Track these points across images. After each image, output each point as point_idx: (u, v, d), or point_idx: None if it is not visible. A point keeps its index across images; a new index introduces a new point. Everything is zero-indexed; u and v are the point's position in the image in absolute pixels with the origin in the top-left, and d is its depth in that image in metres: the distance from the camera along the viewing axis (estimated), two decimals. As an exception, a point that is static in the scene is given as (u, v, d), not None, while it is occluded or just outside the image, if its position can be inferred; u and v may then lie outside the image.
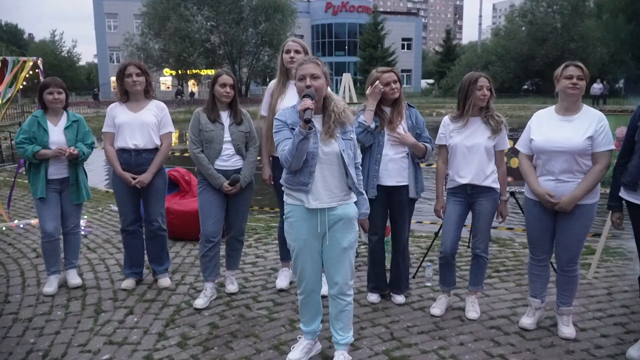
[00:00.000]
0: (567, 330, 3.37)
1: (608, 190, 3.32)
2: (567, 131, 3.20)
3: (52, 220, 4.09)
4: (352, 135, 2.90)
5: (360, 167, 3.00)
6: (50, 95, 4.02)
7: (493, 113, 3.56)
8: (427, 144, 3.73)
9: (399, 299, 3.93)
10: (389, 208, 3.86)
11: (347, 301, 2.97)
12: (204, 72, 42.41)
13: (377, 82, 3.64)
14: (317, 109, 2.84)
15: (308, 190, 2.79)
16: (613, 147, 3.19)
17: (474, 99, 3.49)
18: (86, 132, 4.18)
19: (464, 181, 3.58)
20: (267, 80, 44.08)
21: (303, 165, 2.77)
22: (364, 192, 3.00)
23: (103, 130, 4.11)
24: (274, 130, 2.87)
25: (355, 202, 2.94)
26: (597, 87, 29.22)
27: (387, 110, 3.74)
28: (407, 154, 3.74)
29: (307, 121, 2.60)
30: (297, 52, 3.86)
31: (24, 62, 6.12)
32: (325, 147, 2.79)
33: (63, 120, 4.11)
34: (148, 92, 4.12)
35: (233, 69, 39.75)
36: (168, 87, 47.74)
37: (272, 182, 4.05)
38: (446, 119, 3.70)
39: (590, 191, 3.18)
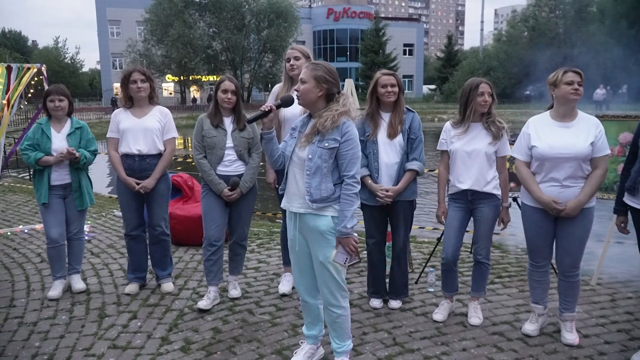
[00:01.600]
0: (570, 336, 3.37)
1: (606, 196, 3.35)
2: (569, 137, 3.21)
3: (57, 227, 4.12)
4: (327, 144, 2.72)
5: (350, 180, 2.74)
6: (52, 103, 4.06)
7: (494, 119, 3.56)
8: (414, 168, 3.71)
9: (394, 303, 3.93)
10: (387, 214, 3.86)
11: (337, 313, 2.94)
12: (205, 78, 42.57)
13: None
14: (315, 112, 2.84)
15: (284, 192, 2.95)
16: (609, 151, 3.24)
17: (474, 105, 3.49)
18: (90, 139, 4.20)
19: (463, 187, 3.58)
20: (269, 86, 44.21)
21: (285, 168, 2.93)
22: (348, 208, 2.73)
23: (107, 135, 4.13)
24: None
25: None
26: (600, 93, 29.15)
27: (386, 115, 3.76)
28: (401, 155, 3.73)
29: (249, 121, 3.03)
30: (296, 58, 3.90)
31: (28, 68, 6.17)
32: (300, 152, 2.82)
33: (66, 127, 4.15)
34: (152, 98, 4.15)
35: (235, 75, 39.86)
36: (170, 93, 47.89)
37: (277, 186, 4.07)
38: (447, 124, 3.71)
39: (593, 195, 3.22)
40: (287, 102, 2.86)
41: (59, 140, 4.08)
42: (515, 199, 4.52)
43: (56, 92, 4.08)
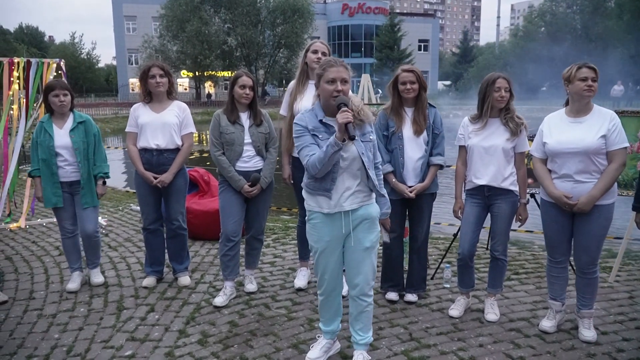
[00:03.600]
0: (588, 333, 3.34)
1: (625, 193, 3.29)
2: (578, 132, 3.19)
3: (69, 219, 4.18)
4: (371, 137, 2.87)
5: (380, 167, 2.99)
6: (56, 98, 4.00)
7: (513, 115, 3.53)
8: (439, 162, 3.77)
9: (410, 297, 3.93)
10: (407, 207, 3.86)
11: (367, 302, 2.97)
12: (220, 74, 42.72)
13: None
14: (335, 112, 2.79)
15: (330, 196, 2.81)
16: (627, 144, 3.16)
17: (491, 100, 3.47)
18: (97, 139, 4.14)
19: (481, 182, 3.56)
20: (284, 82, 44.24)
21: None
22: (385, 192, 2.98)
23: (126, 130, 4.17)
24: (294, 135, 2.86)
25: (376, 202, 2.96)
26: (617, 89, 28.69)
27: (409, 110, 3.75)
28: (425, 150, 3.74)
29: (353, 138, 2.59)
30: (324, 53, 3.88)
31: (48, 64, 6.23)
32: (344, 152, 2.75)
33: (69, 123, 4.09)
34: (170, 93, 4.18)
35: (250, 71, 39.85)
36: (185, 89, 48.15)
37: (292, 182, 4.08)
38: (466, 120, 3.68)
39: (607, 190, 3.16)
40: (346, 104, 2.69)
41: (62, 137, 4.04)
42: (533, 195, 4.48)
43: (61, 87, 4.02)
